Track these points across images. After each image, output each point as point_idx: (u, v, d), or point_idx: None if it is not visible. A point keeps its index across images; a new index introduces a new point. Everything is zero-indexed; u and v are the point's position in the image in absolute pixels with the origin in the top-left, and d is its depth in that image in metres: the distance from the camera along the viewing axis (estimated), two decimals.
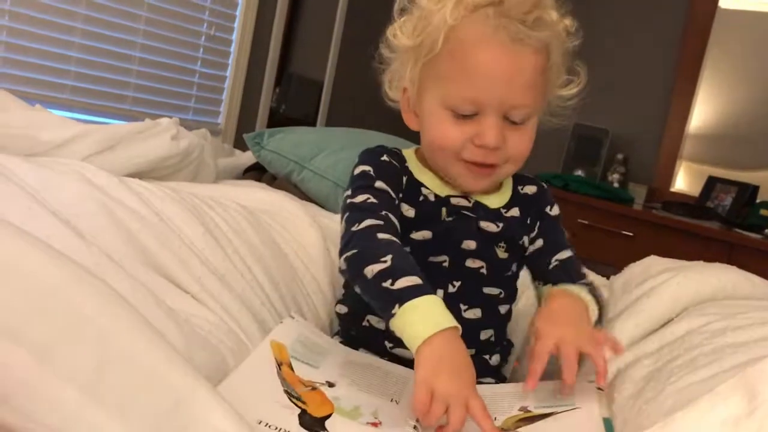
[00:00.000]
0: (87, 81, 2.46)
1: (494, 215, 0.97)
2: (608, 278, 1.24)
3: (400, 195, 0.94)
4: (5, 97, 1.35)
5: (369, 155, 0.97)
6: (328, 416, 0.72)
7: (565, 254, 1.00)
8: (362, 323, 0.95)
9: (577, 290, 0.92)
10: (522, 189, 1.02)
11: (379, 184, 0.92)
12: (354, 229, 0.85)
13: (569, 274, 0.97)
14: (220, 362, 0.77)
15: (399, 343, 0.78)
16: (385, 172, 0.94)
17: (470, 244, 0.94)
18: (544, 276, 0.99)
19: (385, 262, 0.79)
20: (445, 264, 0.94)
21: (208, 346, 0.77)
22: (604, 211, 2.94)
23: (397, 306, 0.75)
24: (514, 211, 0.99)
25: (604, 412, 0.78)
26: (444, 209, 0.95)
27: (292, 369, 0.79)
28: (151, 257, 0.85)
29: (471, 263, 0.95)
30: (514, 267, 1.00)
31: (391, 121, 0.97)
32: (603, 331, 0.86)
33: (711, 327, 0.88)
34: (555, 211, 1.04)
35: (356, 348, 0.95)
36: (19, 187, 0.83)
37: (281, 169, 1.74)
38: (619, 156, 3.26)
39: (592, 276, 1.26)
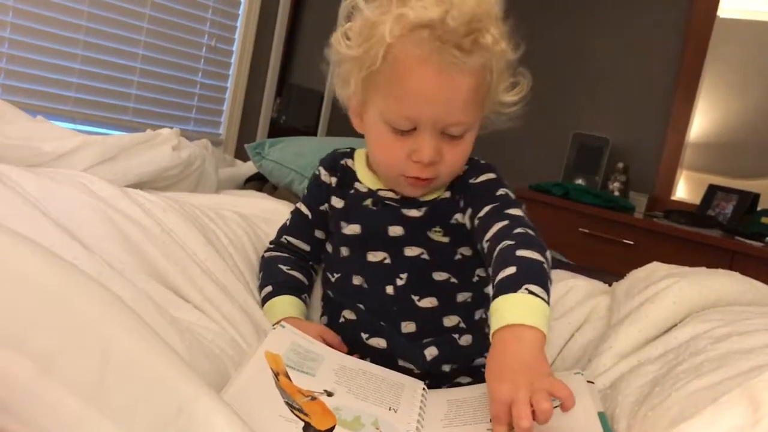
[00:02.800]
0: (89, 92, 2.47)
1: (421, 204, 0.98)
2: (610, 285, 1.24)
3: (324, 205, 1.05)
4: (7, 109, 1.35)
5: (320, 170, 1.08)
6: (332, 428, 0.72)
7: (498, 225, 0.88)
8: (339, 320, 0.99)
9: (518, 315, 0.74)
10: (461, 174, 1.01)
11: (300, 205, 1.09)
12: (264, 253, 1.09)
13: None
14: (223, 371, 0.77)
15: (373, 333, 0.95)
16: (311, 189, 1.08)
17: (396, 230, 0.97)
18: (489, 265, 0.85)
19: (260, 278, 1.04)
20: (387, 261, 0.97)
21: (211, 354, 0.77)
22: (604, 220, 2.93)
23: (262, 302, 0.99)
24: (445, 194, 0.99)
25: (598, 406, 0.77)
26: (370, 200, 1.00)
27: (289, 379, 0.79)
28: (152, 267, 0.86)
29: (409, 251, 0.96)
30: (462, 251, 0.98)
31: None
32: (557, 383, 0.68)
33: (715, 333, 0.88)
34: (483, 177, 0.98)
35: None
36: (21, 197, 0.83)
37: (282, 178, 1.74)
38: (620, 165, 3.26)
39: (592, 285, 1.26)
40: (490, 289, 0.81)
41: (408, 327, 0.94)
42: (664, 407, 0.74)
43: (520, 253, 0.80)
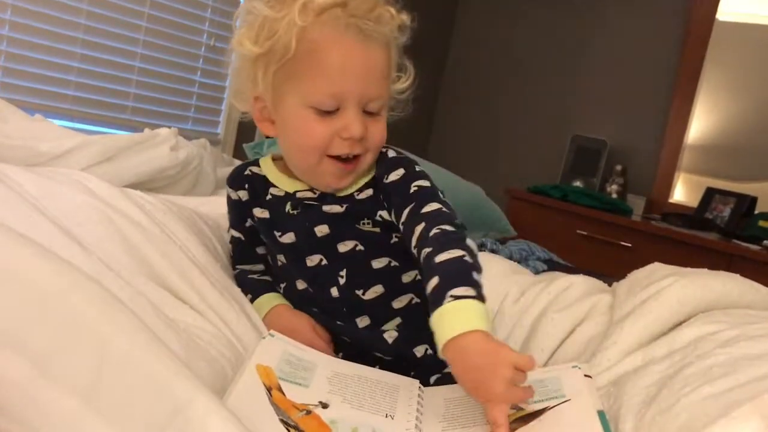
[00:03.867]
0: (87, 91, 2.47)
1: (341, 200, 0.98)
2: (610, 285, 1.24)
3: (248, 221, 1.04)
4: (5, 108, 1.35)
5: (227, 189, 1.07)
6: None
7: (417, 230, 0.88)
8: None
9: (450, 327, 0.74)
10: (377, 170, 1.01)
11: (232, 231, 1.07)
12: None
13: (428, 270, 0.82)
14: (220, 373, 0.77)
15: (338, 331, 0.96)
16: (231, 210, 1.07)
17: (323, 229, 0.96)
18: (417, 242, 0.87)
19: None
20: (324, 262, 0.96)
21: (208, 356, 0.77)
22: (602, 222, 2.94)
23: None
24: (367, 192, 0.99)
25: (597, 404, 0.77)
26: (288, 203, 0.99)
27: (282, 393, 0.77)
28: (151, 268, 0.85)
29: (343, 247, 0.96)
30: (396, 235, 0.97)
31: (388, 129, 0.98)
32: (519, 359, 0.71)
33: (722, 335, 0.87)
34: (394, 176, 0.97)
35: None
36: (19, 196, 0.83)
37: None
38: (618, 167, 3.27)
39: (592, 283, 1.26)
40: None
41: (363, 321, 0.95)
42: (673, 413, 0.74)
43: (438, 258, 0.81)
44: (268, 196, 1.01)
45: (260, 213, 1.01)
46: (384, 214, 0.97)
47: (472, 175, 2.35)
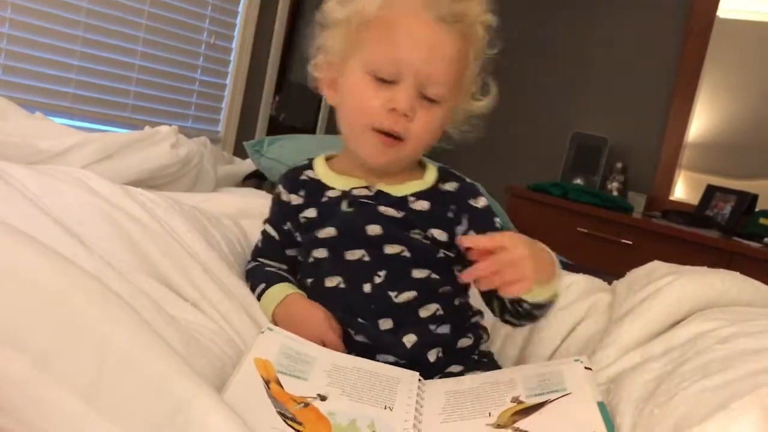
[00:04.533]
0: (87, 89, 2.47)
1: (397, 202, 0.99)
2: (610, 283, 1.24)
3: (287, 224, 1.04)
4: (5, 105, 1.35)
5: (279, 189, 1.07)
6: None
7: None
8: None
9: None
10: (443, 185, 1.03)
11: (267, 226, 1.08)
12: (246, 267, 1.07)
13: None
14: (221, 370, 0.77)
15: (358, 330, 0.94)
16: (274, 208, 1.08)
17: (375, 229, 0.96)
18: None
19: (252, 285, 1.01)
20: (366, 258, 0.96)
21: (209, 353, 0.77)
22: (603, 220, 2.93)
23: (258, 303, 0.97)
24: (422, 204, 0.99)
25: (597, 395, 0.77)
26: (345, 201, 0.99)
27: (281, 386, 0.77)
28: (152, 265, 0.85)
29: (390, 249, 0.96)
30: (445, 253, 0.98)
31: None
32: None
33: (720, 332, 0.87)
34: (482, 203, 1.02)
35: None
36: (20, 194, 0.83)
37: None
38: (618, 165, 3.26)
39: (592, 282, 1.26)
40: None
41: (385, 324, 0.94)
42: (671, 405, 0.74)
43: None
44: (324, 199, 1.01)
45: (309, 213, 1.01)
46: (436, 232, 0.98)
47: (472, 172, 2.34)
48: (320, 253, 0.99)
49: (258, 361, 0.79)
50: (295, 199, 1.04)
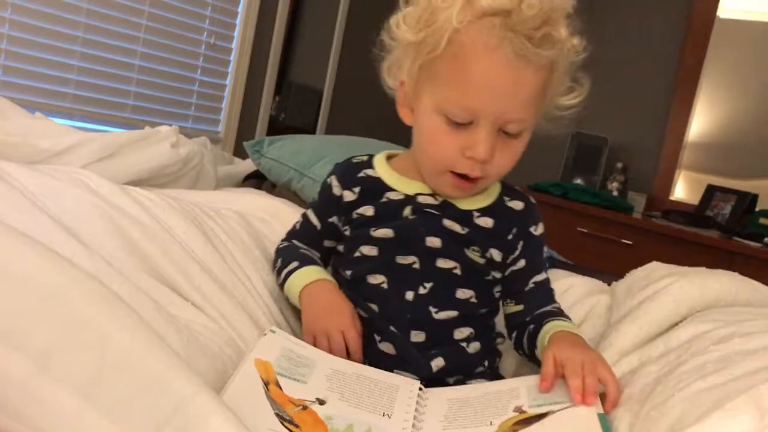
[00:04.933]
0: (88, 89, 2.47)
1: (462, 217, 0.95)
2: (609, 284, 1.24)
3: (333, 218, 1.02)
4: (5, 105, 1.34)
5: (327, 175, 1.05)
6: None
7: (542, 276, 1.00)
8: None
9: (575, 327, 0.94)
10: (508, 201, 1.00)
11: (310, 212, 1.06)
12: (279, 245, 1.07)
13: (546, 297, 0.99)
14: (221, 370, 0.77)
15: (386, 337, 0.92)
16: (322, 198, 1.05)
17: (434, 242, 0.93)
18: (518, 296, 0.99)
19: (276, 266, 1.02)
20: (416, 266, 0.94)
21: (209, 353, 0.77)
22: (603, 220, 2.94)
23: (284, 280, 0.97)
24: (486, 221, 0.96)
25: (598, 407, 0.77)
26: (409, 207, 0.95)
27: (280, 387, 0.77)
28: (151, 265, 0.85)
29: (442, 263, 0.94)
30: (494, 275, 0.97)
31: (390, 128, 0.97)
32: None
33: (717, 333, 0.87)
34: (539, 230, 1.00)
35: None
36: (20, 193, 0.83)
37: (281, 176, 1.74)
38: (619, 165, 3.26)
39: (591, 283, 1.26)
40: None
41: (417, 336, 0.92)
42: (667, 407, 0.74)
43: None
44: (383, 199, 0.97)
45: (365, 211, 0.97)
46: (495, 253, 0.96)
47: None
48: (370, 250, 0.95)
49: (258, 362, 0.79)
50: (349, 196, 0.99)
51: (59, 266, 0.58)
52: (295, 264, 0.98)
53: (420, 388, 0.85)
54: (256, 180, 1.85)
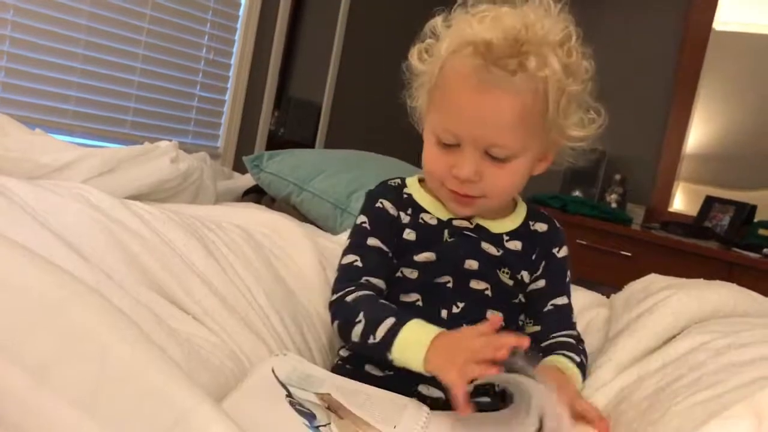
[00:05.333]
0: (87, 105, 2.48)
1: (495, 239, 0.98)
2: (608, 297, 1.24)
3: (395, 240, 0.98)
4: (5, 122, 1.35)
5: (368, 201, 1.02)
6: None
7: (562, 300, 1.01)
8: None
9: (571, 370, 0.92)
10: (533, 225, 1.03)
11: (371, 241, 0.98)
12: (334, 298, 0.95)
13: (564, 321, 1.00)
14: (222, 383, 0.77)
15: None
16: (378, 222, 0.99)
17: (472, 264, 0.96)
18: (536, 317, 1.00)
19: (360, 322, 0.88)
20: (449, 285, 0.95)
21: (210, 366, 0.77)
22: (602, 232, 2.94)
23: (388, 354, 0.84)
24: (515, 244, 0.99)
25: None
26: (446, 231, 0.98)
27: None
28: (152, 278, 0.85)
29: (475, 284, 0.96)
30: (521, 297, 0.99)
31: (389, 143, 0.99)
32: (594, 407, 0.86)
33: (714, 345, 0.88)
34: (563, 252, 1.03)
35: (362, 364, 0.94)
36: (20, 208, 0.83)
37: (280, 191, 1.75)
38: (617, 177, 3.27)
39: (590, 297, 1.26)
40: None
41: None
42: (663, 422, 0.74)
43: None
44: (420, 221, 0.99)
45: (408, 234, 0.98)
46: (525, 275, 0.99)
47: None
48: (411, 273, 0.97)
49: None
50: (404, 218, 1.00)
51: (59, 279, 0.59)
52: (391, 321, 0.85)
53: (427, 413, 0.84)
54: (256, 195, 1.86)
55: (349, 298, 0.92)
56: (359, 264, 0.97)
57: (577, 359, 0.92)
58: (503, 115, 0.88)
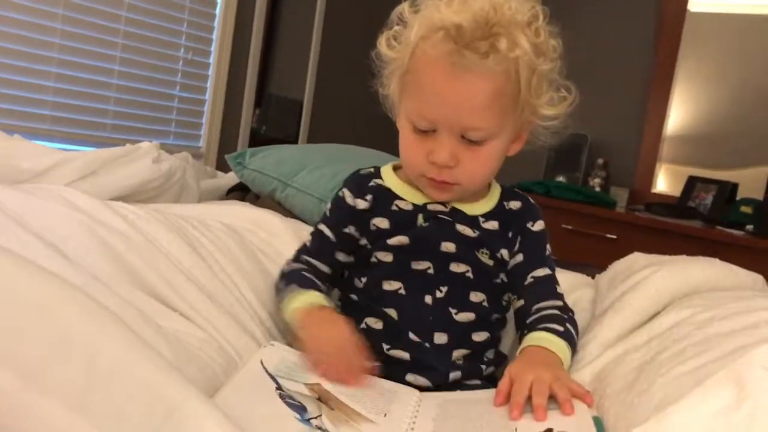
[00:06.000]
0: (65, 110, 2.46)
1: (471, 221, 0.99)
2: (593, 277, 1.25)
3: (350, 227, 1.01)
4: None
5: (338, 189, 1.05)
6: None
7: (543, 272, 1.01)
8: (360, 326, 0.96)
9: (554, 342, 0.90)
10: (508, 204, 1.04)
11: (321, 226, 1.05)
12: (284, 268, 1.04)
13: (547, 292, 0.99)
14: (212, 378, 0.77)
15: (397, 344, 0.93)
16: (333, 210, 1.05)
17: (449, 246, 0.96)
18: (518, 291, 1.00)
19: (280, 289, 0.99)
20: (430, 271, 0.96)
21: (199, 362, 0.77)
22: (587, 216, 2.96)
23: (285, 316, 0.95)
24: (492, 224, 1.00)
25: (593, 410, 0.78)
26: (421, 215, 0.99)
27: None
28: (137, 277, 0.85)
29: (456, 267, 0.97)
30: (502, 277, 1.00)
31: (372, 136, 0.99)
32: (577, 383, 0.82)
33: (698, 318, 0.89)
34: (538, 227, 1.04)
35: None
36: (1, 212, 0.83)
37: (264, 187, 1.74)
38: (600, 161, 3.29)
39: (575, 277, 1.27)
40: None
41: (440, 338, 0.94)
42: (649, 393, 0.75)
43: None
44: (393, 207, 1.00)
45: (380, 222, 0.99)
46: (505, 253, 1.00)
47: None
48: (385, 256, 0.98)
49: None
50: (361, 204, 1.01)
51: (44, 279, 0.58)
52: (294, 287, 0.96)
53: (417, 396, 0.86)
54: (240, 192, 1.85)
55: (285, 268, 1.03)
56: (307, 245, 1.06)
57: (561, 329, 0.91)
58: (477, 98, 0.89)
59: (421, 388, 0.90)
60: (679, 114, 3.30)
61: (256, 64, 3.12)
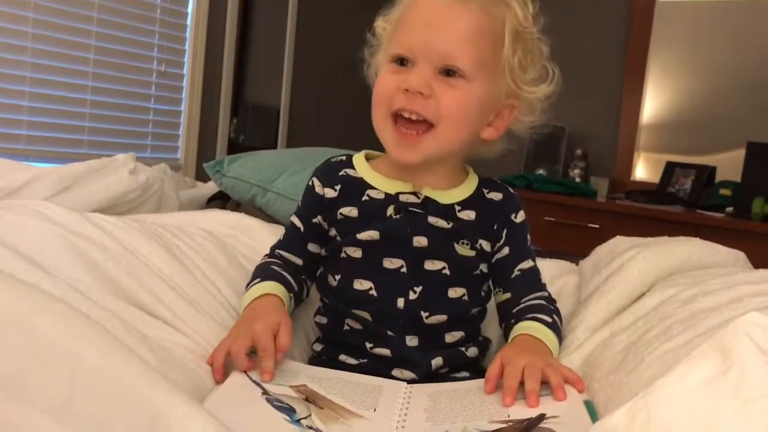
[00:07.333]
0: (41, 129, 2.44)
1: (445, 212, 0.96)
2: (577, 264, 1.25)
3: (318, 217, 1.01)
4: None
5: (314, 181, 1.03)
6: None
7: (528, 264, 1.01)
8: (343, 327, 0.96)
9: (543, 332, 0.90)
10: (487, 193, 1.01)
11: (293, 218, 1.04)
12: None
13: (533, 284, 1.00)
14: (199, 384, 0.76)
15: (378, 342, 0.93)
16: (304, 200, 1.04)
17: (421, 241, 0.94)
18: (505, 285, 1.00)
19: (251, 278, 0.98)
20: (403, 270, 0.94)
21: (185, 369, 0.76)
22: (568, 207, 2.97)
23: (245, 297, 0.94)
24: (468, 214, 0.98)
25: (584, 395, 0.78)
26: (392, 206, 0.96)
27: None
28: (118, 287, 0.84)
29: (430, 265, 0.95)
30: (483, 267, 0.99)
31: (350, 140, 0.99)
32: (568, 368, 0.83)
33: (682, 296, 0.89)
34: (520, 218, 1.02)
35: (336, 354, 0.95)
36: None
37: (244, 194, 1.73)
38: (578, 152, 3.31)
39: (560, 265, 1.28)
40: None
41: (412, 341, 0.93)
42: (637, 372, 0.76)
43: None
44: (364, 197, 0.97)
45: (348, 212, 0.97)
46: (485, 244, 0.98)
47: None
48: (355, 252, 0.96)
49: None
50: (330, 193, 0.99)
51: (21, 291, 0.58)
52: (256, 280, 0.95)
53: (406, 388, 0.85)
54: (220, 201, 1.84)
55: (260, 262, 1.03)
56: (281, 238, 1.05)
57: (549, 320, 0.91)
58: (460, 26, 0.91)
59: (410, 381, 0.90)
60: (655, 102, 3.32)
61: (230, 73, 3.10)
